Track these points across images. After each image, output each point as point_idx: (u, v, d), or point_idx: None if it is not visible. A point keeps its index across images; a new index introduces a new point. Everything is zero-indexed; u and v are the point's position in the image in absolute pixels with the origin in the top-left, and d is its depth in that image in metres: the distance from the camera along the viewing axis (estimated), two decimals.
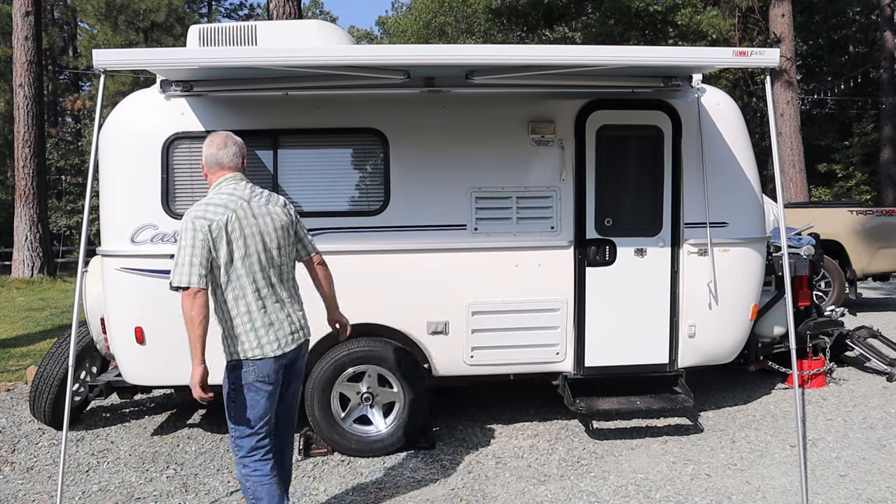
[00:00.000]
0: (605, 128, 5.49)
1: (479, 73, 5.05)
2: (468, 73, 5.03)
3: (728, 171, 5.62)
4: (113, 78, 27.42)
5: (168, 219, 5.14)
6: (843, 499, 4.56)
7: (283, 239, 3.78)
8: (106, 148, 5.26)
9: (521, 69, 4.89)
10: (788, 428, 5.86)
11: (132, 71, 4.50)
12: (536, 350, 5.51)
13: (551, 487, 4.81)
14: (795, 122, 17.36)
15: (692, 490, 4.74)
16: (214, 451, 5.53)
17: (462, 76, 5.10)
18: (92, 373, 6.21)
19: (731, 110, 5.77)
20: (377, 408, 5.44)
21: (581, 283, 5.50)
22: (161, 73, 4.98)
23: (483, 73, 5.05)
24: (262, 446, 3.76)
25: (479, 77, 5.04)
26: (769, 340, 6.43)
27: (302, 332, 3.89)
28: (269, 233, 3.72)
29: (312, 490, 4.81)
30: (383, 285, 5.31)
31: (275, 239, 3.73)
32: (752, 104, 28.17)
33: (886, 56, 24.69)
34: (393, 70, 4.81)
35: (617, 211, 5.54)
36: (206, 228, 3.53)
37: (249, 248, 3.63)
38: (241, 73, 4.86)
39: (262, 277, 3.68)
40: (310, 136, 5.35)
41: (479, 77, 5.04)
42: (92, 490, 4.87)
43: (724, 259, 5.58)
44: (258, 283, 3.66)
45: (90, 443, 5.73)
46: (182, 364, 5.22)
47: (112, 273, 5.17)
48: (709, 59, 5.00)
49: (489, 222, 5.39)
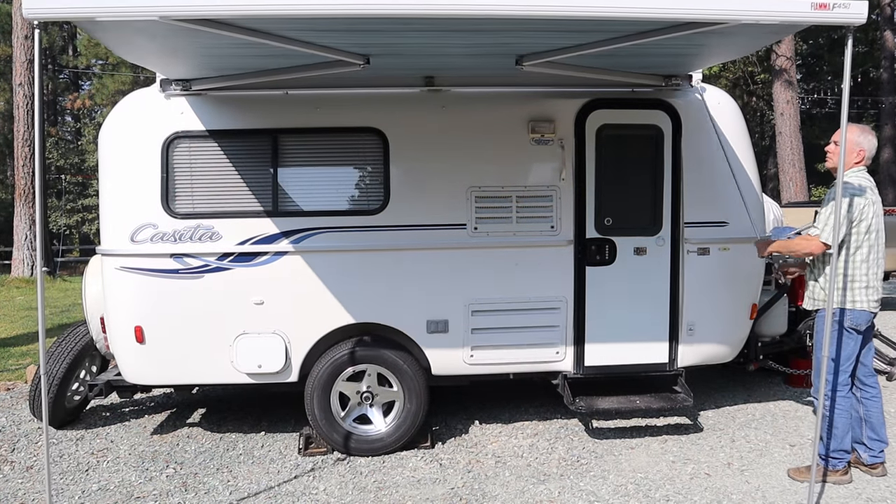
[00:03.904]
0: (604, 127, 5.48)
1: (530, 58, 4.65)
2: (518, 59, 4.70)
3: (728, 170, 5.62)
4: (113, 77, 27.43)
5: (168, 218, 5.14)
6: (842, 498, 4.56)
7: None
8: (105, 147, 5.26)
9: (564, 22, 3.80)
10: (788, 427, 5.86)
11: (66, 21, 4.20)
12: (536, 349, 5.51)
13: (551, 486, 4.82)
14: (795, 121, 17.36)
15: (692, 489, 4.74)
16: (214, 450, 5.54)
17: (511, 64, 4.74)
18: (92, 372, 6.22)
19: (731, 109, 5.77)
20: (377, 407, 5.45)
21: (581, 282, 5.50)
22: (109, 27, 3.91)
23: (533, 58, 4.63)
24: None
25: (529, 63, 4.67)
26: (769, 340, 6.43)
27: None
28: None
29: (312, 489, 4.81)
30: (383, 285, 5.31)
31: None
32: (753, 103, 28.16)
33: (886, 55, 24.69)
34: (350, 54, 4.46)
35: (617, 210, 5.53)
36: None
37: None
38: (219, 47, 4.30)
39: None
40: (309, 135, 5.34)
41: (528, 63, 4.67)
42: (91, 489, 4.87)
43: (724, 258, 5.58)
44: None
45: (90, 442, 5.73)
46: (181, 363, 5.26)
47: (112, 272, 5.17)
48: (782, 13, 3.64)
49: (489, 221, 5.38)
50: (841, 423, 4.64)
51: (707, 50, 4.73)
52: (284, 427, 5.98)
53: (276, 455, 5.41)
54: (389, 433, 5.38)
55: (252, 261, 5.20)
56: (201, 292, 5.17)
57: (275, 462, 5.28)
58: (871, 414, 4.79)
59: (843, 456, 4.71)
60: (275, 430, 5.94)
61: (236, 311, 5.21)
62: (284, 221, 5.22)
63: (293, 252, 5.21)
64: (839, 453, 4.69)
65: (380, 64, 4.65)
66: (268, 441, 5.70)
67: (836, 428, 4.64)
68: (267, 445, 5.61)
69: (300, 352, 5.29)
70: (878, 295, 4.60)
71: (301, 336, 5.28)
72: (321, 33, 3.97)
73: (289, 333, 5.26)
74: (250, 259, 5.20)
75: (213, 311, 5.19)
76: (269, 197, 5.24)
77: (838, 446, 4.67)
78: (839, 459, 4.70)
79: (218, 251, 5.17)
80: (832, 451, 4.69)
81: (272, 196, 5.24)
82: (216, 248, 5.17)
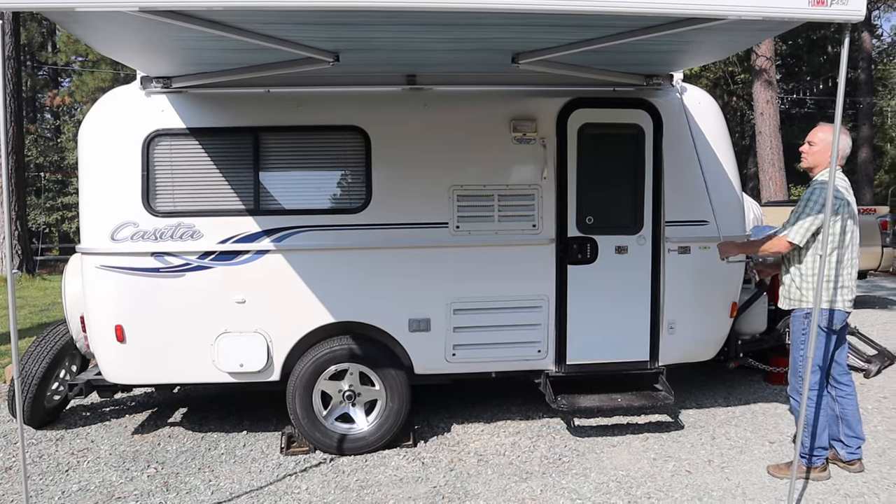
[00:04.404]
0: (586, 126, 5.50)
1: (525, 56, 4.66)
2: (514, 57, 4.71)
3: (708, 169, 5.66)
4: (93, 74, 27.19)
5: (148, 216, 5.11)
6: (821, 494, 4.61)
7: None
8: (86, 144, 5.22)
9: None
10: (768, 424, 5.91)
11: (39, 12, 4.08)
12: (518, 347, 5.52)
13: (533, 484, 4.83)
14: (775, 121, 17.50)
15: (673, 486, 4.78)
16: (196, 449, 5.51)
17: (507, 61, 4.73)
18: (72, 371, 6.17)
19: (711, 109, 5.81)
20: (359, 406, 5.44)
21: (562, 280, 5.52)
22: (83, 20, 3.78)
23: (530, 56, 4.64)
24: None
25: (525, 60, 4.67)
26: (749, 338, 6.48)
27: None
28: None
29: (294, 488, 4.80)
30: (365, 283, 5.30)
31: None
32: (733, 103, 28.35)
33: (864, 56, 24.96)
34: (319, 51, 4.42)
35: (598, 209, 5.56)
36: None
37: None
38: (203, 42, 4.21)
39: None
40: (291, 133, 5.33)
41: (524, 60, 4.67)
42: (72, 490, 4.83)
43: (704, 257, 5.62)
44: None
45: (70, 442, 5.69)
46: (162, 362, 5.24)
47: (92, 271, 5.13)
48: (780, 9, 3.59)
49: (471, 220, 5.39)
50: (819, 421, 4.71)
51: (696, 47, 4.74)
52: (266, 426, 5.96)
53: (258, 454, 5.40)
54: (372, 432, 5.38)
55: (233, 259, 5.18)
56: (182, 291, 5.14)
57: (257, 461, 5.27)
58: (847, 412, 4.85)
59: (822, 453, 4.75)
60: (257, 429, 5.92)
61: (218, 309, 5.18)
62: (266, 220, 5.21)
63: (275, 251, 5.20)
64: (818, 451, 4.74)
65: (355, 60, 4.62)
66: (250, 440, 5.68)
67: (811, 426, 4.71)
68: (249, 445, 5.59)
69: (282, 350, 5.28)
70: (852, 295, 4.66)
71: (283, 335, 5.26)
72: (289, 27, 3.93)
73: (271, 332, 5.24)
74: (232, 258, 5.18)
75: (195, 309, 5.17)
76: (251, 195, 5.22)
77: (817, 444, 4.73)
78: (818, 457, 4.75)
79: (199, 250, 5.14)
80: (811, 449, 4.74)
81: (254, 194, 5.22)
82: (197, 246, 5.14)
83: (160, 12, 3.44)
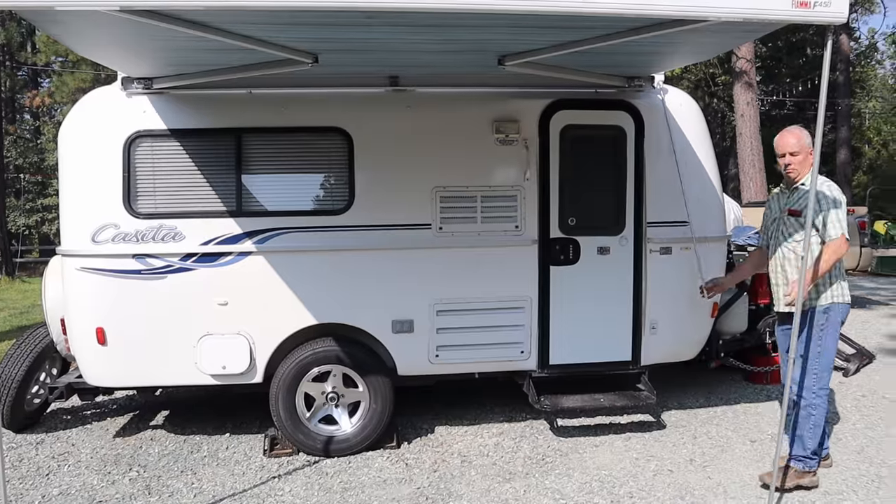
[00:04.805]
0: (568, 128, 5.52)
1: (512, 58, 4.66)
2: (500, 59, 4.71)
3: (689, 170, 5.70)
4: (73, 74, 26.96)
5: (130, 218, 5.07)
6: (801, 492, 4.65)
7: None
8: (66, 146, 5.18)
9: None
10: (749, 423, 5.96)
11: (17, 11, 3.94)
12: (501, 348, 5.54)
13: (516, 485, 4.85)
14: (755, 122, 17.60)
15: (655, 485, 4.80)
16: (178, 452, 5.48)
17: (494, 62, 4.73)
18: (52, 374, 6.12)
19: (692, 111, 5.86)
20: (342, 407, 5.44)
21: (545, 281, 5.54)
22: (62, 20, 3.71)
23: (515, 57, 4.65)
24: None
25: (511, 62, 4.68)
26: (730, 337, 6.53)
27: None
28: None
29: (278, 490, 4.79)
30: (348, 285, 5.30)
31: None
32: (713, 105, 28.54)
33: (842, 59, 25.19)
34: (300, 52, 4.39)
35: (581, 210, 5.58)
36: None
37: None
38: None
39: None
40: (273, 134, 5.31)
41: (510, 62, 4.68)
42: (52, 494, 4.79)
43: (685, 257, 5.66)
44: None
45: (50, 445, 5.64)
46: (144, 365, 5.20)
47: (72, 273, 5.09)
48: (764, 11, 3.55)
49: (454, 221, 5.40)
50: (822, 424, 4.67)
51: (678, 49, 4.76)
52: (249, 428, 5.94)
53: (241, 457, 5.38)
54: (355, 433, 5.37)
55: (216, 261, 5.16)
56: (164, 293, 5.11)
57: (240, 464, 5.25)
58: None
59: (818, 457, 4.70)
60: (239, 431, 5.90)
61: (200, 311, 5.16)
62: (248, 221, 5.19)
63: (257, 252, 5.18)
64: (814, 456, 4.67)
65: (335, 61, 4.61)
66: (232, 443, 5.66)
67: (819, 427, 4.63)
68: (232, 447, 5.57)
69: (265, 352, 5.26)
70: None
71: (266, 336, 5.25)
72: (269, 27, 3.91)
73: (253, 334, 5.22)
74: (214, 259, 5.16)
75: (177, 311, 5.14)
76: (233, 197, 5.21)
77: (818, 446, 4.67)
78: (815, 460, 4.68)
79: (181, 251, 5.12)
80: (812, 452, 4.64)
81: (236, 196, 5.21)
82: (179, 248, 5.12)
83: (140, 12, 3.42)
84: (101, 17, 3.48)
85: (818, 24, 3.58)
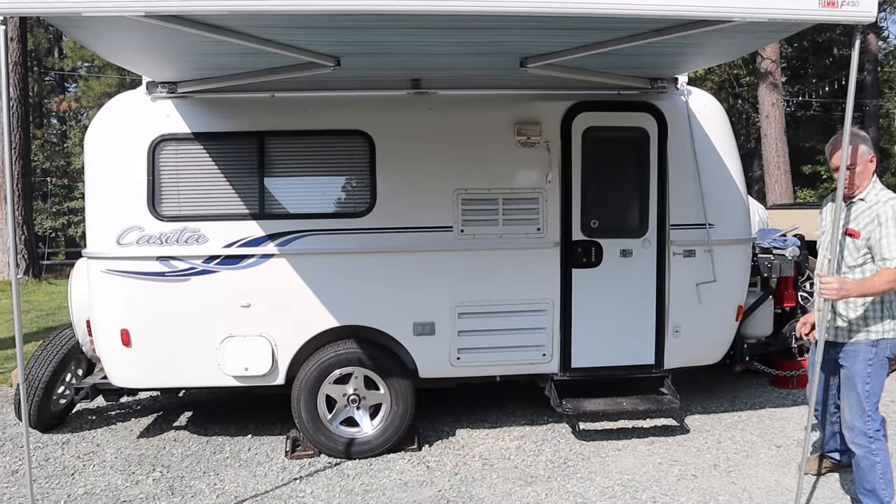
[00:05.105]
0: (591, 129, 5.50)
1: (533, 60, 4.62)
2: (522, 61, 4.67)
3: (713, 172, 5.65)
4: (99, 79, 27.27)
5: (154, 221, 5.12)
6: (826, 499, 4.59)
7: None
8: (91, 149, 5.23)
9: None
10: (774, 428, 5.89)
11: (41, 16, 3.98)
12: (522, 351, 5.52)
13: (538, 489, 4.83)
14: (780, 123, 17.46)
15: (678, 491, 4.76)
16: (201, 453, 5.52)
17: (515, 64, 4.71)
18: (78, 375, 6.19)
19: (716, 112, 5.80)
20: (364, 410, 5.44)
21: (567, 284, 5.51)
22: (86, 24, 3.72)
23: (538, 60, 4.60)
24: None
25: (533, 64, 4.64)
26: (755, 341, 6.47)
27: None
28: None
29: (299, 492, 4.80)
30: (369, 287, 5.30)
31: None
32: (738, 106, 28.29)
33: (870, 59, 24.90)
34: (323, 56, 4.40)
35: (603, 212, 5.55)
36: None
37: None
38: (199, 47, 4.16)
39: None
40: (296, 137, 5.34)
41: (532, 64, 4.64)
42: (77, 493, 4.84)
43: (709, 260, 5.60)
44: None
45: (76, 445, 5.70)
46: (168, 366, 5.25)
47: (98, 275, 5.14)
48: (791, 10, 3.49)
49: (475, 224, 5.39)
50: (890, 463, 4.21)
51: (702, 50, 4.70)
52: (271, 430, 5.97)
53: (262, 458, 5.40)
54: (376, 436, 5.38)
55: (238, 263, 5.19)
56: (188, 295, 5.15)
57: (262, 465, 5.27)
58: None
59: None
60: (261, 433, 5.92)
61: (223, 313, 5.19)
62: (271, 224, 5.22)
63: (279, 255, 5.20)
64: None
65: (358, 64, 4.63)
66: (254, 444, 5.68)
67: (889, 469, 4.18)
68: (254, 448, 5.59)
69: (287, 354, 5.28)
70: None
71: (288, 339, 5.27)
72: (293, 31, 3.93)
73: (275, 336, 5.25)
74: (237, 262, 5.19)
75: (200, 313, 5.18)
76: (256, 199, 5.23)
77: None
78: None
79: (204, 254, 5.16)
80: (889, 501, 4.19)
81: (258, 198, 5.23)
82: (202, 250, 5.16)
83: (165, 17, 3.45)
84: (126, 23, 3.51)
85: (846, 24, 3.52)
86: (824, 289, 3.95)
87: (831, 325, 4.25)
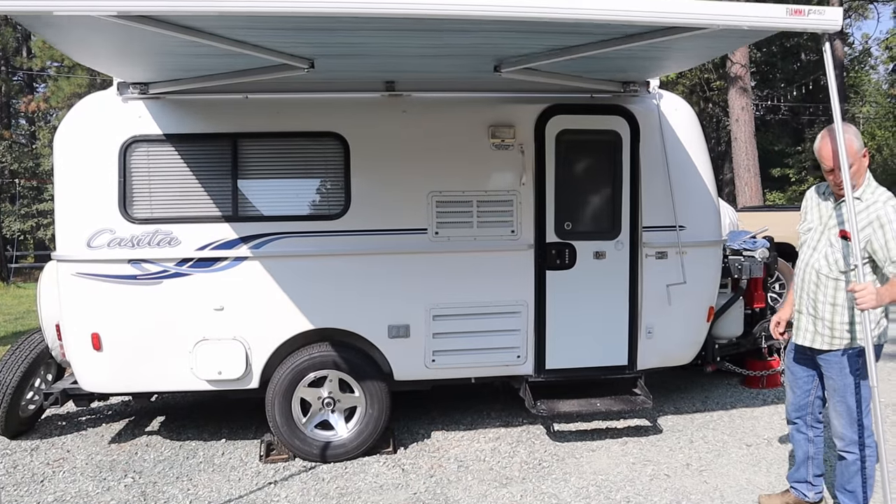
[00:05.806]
0: (564, 132, 5.53)
1: (507, 64, 4.63)
2: (496, 65, 4.71)
3: (685, 175, 5.71)
4: (68, 79, 26.91)
5: (125, 223, 5.06)
6: None
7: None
8: (61, 150, 5.17)
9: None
10: (744, 427, 5.96)
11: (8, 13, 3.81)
12: (497, 353, 5.53)
13: (513, 490, 4.84)
14: (750, 127, 17.67)
15: (651, 490, 4.80)
16: (174, 458, 5.47)
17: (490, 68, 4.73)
18: (47, 380, 6.10)
19: (687, 116, 5.87)
20: (339, 413, 5.43)
21: (541, 286, 5.54)
22: (55, 23, 3.63)
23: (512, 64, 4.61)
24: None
25: (507, 68, 4.65)
26: (725, 342, 6.54)
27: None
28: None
29: (274, 496, 4.78)
30: (344, 290, 5.29)
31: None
32: (708, 110, 28.60)
33: (837, 64, 25.25)
34: (296, 58, 4.37)
35: (576, 215, 5.59)
36: None
37: None
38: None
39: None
40: (269, 139, 5.31)
41: (506, 68, 4.66)
42: (47, 500, 4.77)
43: (681, 262, 5.66)
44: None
45: (45, 452, 5.62)
46: (140, 371, 5.19)
47: (68, 278, 5.08)
48: (760, 20, 3.56)
49: (450, 226, 5.40)
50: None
51: (674, 55, 4.75)
52: (245, 434, 5.93)
53: (237, 462, 5.37)
54: (351, 439, 5.37)
55: (212, 266, 5.15)
56: (160, 298, 5.11)
57: (236, 470, 5.24)
58: (819, 451, 4.37)
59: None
60: (235, 437, 5.88)
61: (196, 317, 5.15)
62: (244, 226, 5.19)
63: (253, 257, 5.18)
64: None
65: (332, 66, 4.62)
66: (228, 448, 5.64)
67: (873, 475, 4.04)
68: (228, 453, 5.55)
69: (261, 358, 5.25)
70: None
71: (262, 342, 5.24)
72: (266, 33, 3.90)
73: (249, 339, 5.22)
74: (210, 264, 5.15)
75: (172, 317, 5.13)
76: (229, 202, 5.20)
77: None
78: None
79: (177, 257, 5.11)
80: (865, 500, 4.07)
81: (232, 201, 5.20)
82: (175, 253, 5.11)
83: (137, 18, 3.42)
84: (97, 23, 3.47)
85: (813, 32, 3.61)
86: (863, 301, 3.56)
87: (807, 330, 4.08)
